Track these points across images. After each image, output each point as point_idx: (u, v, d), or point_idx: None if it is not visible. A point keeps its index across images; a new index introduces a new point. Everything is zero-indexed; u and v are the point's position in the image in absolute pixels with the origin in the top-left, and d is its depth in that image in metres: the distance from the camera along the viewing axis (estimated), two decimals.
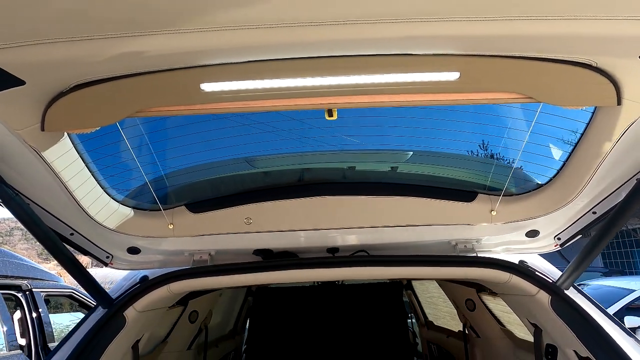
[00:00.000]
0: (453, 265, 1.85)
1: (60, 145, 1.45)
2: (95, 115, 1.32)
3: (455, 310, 3.72)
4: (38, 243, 1.73)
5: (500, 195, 1.83)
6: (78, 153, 1.55)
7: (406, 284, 4.64)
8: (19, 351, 4.36)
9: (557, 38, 1.10)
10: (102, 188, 1.71)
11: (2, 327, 4.27)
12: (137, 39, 1.02)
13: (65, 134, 1.46)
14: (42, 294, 5.28)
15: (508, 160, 1.83)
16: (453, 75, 1.25)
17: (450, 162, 1.94)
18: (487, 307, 3.08)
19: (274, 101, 1.34)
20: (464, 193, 1.89)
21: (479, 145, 1.86)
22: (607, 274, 11.30)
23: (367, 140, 1.90)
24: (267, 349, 4.02)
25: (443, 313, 4.42)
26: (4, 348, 4.19)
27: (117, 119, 1.35)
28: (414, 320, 4.84)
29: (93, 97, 1.26)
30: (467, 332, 3.33)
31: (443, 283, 3.56)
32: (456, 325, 3.99)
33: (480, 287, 3.06)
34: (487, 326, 3.08)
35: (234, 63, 1.20)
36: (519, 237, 1.96)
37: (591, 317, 1.68)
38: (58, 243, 1.60)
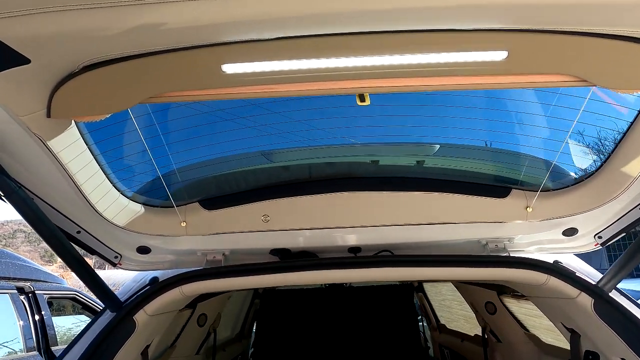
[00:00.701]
0: (486, 266, 1.72)
1: (67, 134, 1.33)
2: (105, 100, 1.20)
3: (470, 314, 3.59)
4: (41, 245, 1.63)
5: (537, 191, 1.70)
6: (86, 144, 1.43)
7: (417, 286, 4.54)
8: (36, 352, 4.33)
9: (620, 7, 0.98)
10: (111, 183, 1.60)
11: (20, 328, 4.28)
12: (153, 7, 0.91)
13: (73, 122, 1.34)
14: (44, 296, 5.18)
15: (546, 152, 1.71)
16: (500, 55, 1.13)
17: (481, 155, 1.81)
18: (509, 310, 2.94)
19: (302, 85, 1.22)
20: (496, 188, 1.77)
21: (514, 137, 1.74)
22: None
23: (392, 131, 1.78)
24: (274, 353, 3.91)
25: (457, 316, 4.30)
26: (22, 349, 4.17)
27: (129, 104, 1.23)
28: (424, 324, 4.73)
29: (103, 80, 1.15)
30: (486, 336, 3.20)
31: (460, 285, 3.43)
32: (472, 329, 3.87)
33: (501, 290, 2.94)
34: (509, 330, 2.94)
35: (259, 40, 1.08)
36: (555, 236, 1.84)
37: None
38: (64, 241, 1.48)
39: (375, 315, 4.07)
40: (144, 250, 1.85)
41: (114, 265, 1.83)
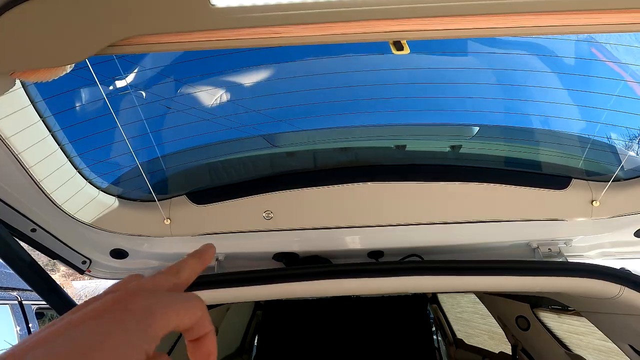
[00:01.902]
0: (543, 274, 1.38)
1: (9, 98, 1.02)
2: (52, 47, 0.89)
3: (495, 329, 3.26)
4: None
5: (608, 181, 1.37)
6: (39, 115, 1.12)
7: (431, 297, 4.24)
8: None
9: None
10: (75, 168, 1.28)
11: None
12: None
13: (18, 83, 1.03)
14: (33, 307, 4.89)
15: (617, 131, 1.37)
16: None
17: (533, 137, 1.48)
18: (545, 326, 2.58)
19: (318, 27, 0.91)
20: (552, 178, 1.44)
21: (574, 111, 1.41)
22: None
23: (421, 105, 1.45)
24: None
25: (478, 331, 3.95)
26: None
27: (84, 54, 0.92)
28: (439, 338, 4.42)
29: (48, 15, 0.84)
30: (517, 356, 2.83)
31: (485, 296, 3.09)
32: (495, 345, 3.54)
33: (535, 302, 2.59)
34: (546, 349, 2.58)
35: None
36: (625, 237, 1.50)
37: None
38: (9, 240, 1.15)
39: (386, 328, 3.79)
40: (119, 254, 1.52)
41: (82, 272, 1.49)
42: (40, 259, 1.55)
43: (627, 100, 1.30)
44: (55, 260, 1.41)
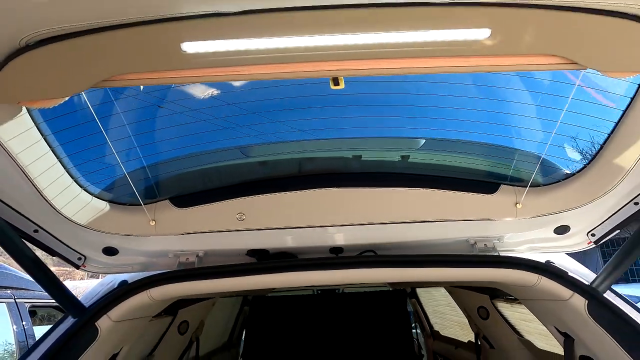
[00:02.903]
0: (473, 266, 1.63)
1: (17, 122, 1.23)
2: (53, 84, 1.10)
3: (464, 320, 3.51)
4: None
5: (526, 186, 1.61)
6: (41, 134, 1.32)
7: (410, 292, 4.45)
8: None
9: None
10: (72, 177, 1.49)
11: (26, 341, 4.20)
12: None
13: (24, 109, 1.24)
14: (26, 305, 5.01)
15: (535, 145, 1.62)
16: (482, 33, 1.05)
17: (469, 149, 1.73)
18: (502, 315, 2.84)
19: (270, 67, 1.13)
20: (484, 184, 1.68)
21: (502, 129, 1.65)
22: None
23: (375, 123, 1.69)
24: None
25: (451, 322, 4.20)
26: None
27: (80, 88, 1.13)
28: (418, 331, 4.63)
29: (50, 60, 1.05)
30: (479, 342, 3.09)
31: (453, 290, 3.34)
32: (466, 335, 3.77)
33: (494, 294, 2.84)
34: (502, 336, 2.84)
35: (221, 14, 0.99)
36: (547, 234, 1.75)
37: (637, 323, 1.45)
38: (16, 240, 1.36)
39: (368, 322, 3.98)
40: (110, 251, 1.73)
41: (77, 267, 1.70)
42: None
43: (546, 123, 1.55)
44: (51, 261, 1.62)
